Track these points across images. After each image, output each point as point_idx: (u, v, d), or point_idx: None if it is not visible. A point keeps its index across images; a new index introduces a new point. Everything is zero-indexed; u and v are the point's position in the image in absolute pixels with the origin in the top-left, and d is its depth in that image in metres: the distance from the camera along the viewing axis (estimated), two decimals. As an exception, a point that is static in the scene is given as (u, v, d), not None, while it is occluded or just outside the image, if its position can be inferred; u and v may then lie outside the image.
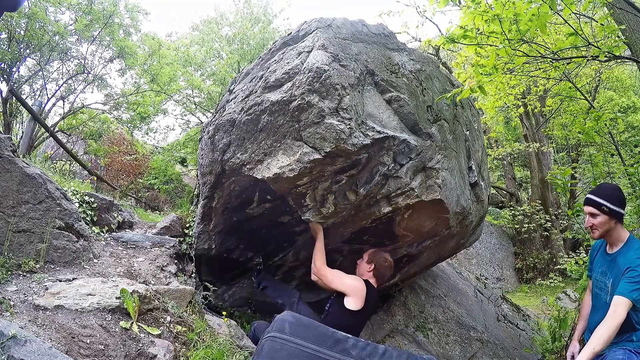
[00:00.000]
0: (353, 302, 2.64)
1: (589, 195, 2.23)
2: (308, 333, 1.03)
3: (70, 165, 8.69)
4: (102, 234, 3.50)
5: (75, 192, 3.60)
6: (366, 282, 2.79)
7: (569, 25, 3.65)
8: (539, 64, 4.42)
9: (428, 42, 9.86)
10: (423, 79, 3.06)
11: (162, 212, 6.86)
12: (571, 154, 12.54)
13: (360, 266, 2.96)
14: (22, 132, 7.13)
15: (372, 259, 2.91)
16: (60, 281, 2.43)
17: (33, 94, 8.06)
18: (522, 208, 11.35)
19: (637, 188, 4.09)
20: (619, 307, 1.96)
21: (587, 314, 2.44)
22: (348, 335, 1.34)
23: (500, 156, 12.10)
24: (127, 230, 3.94)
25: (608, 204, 2.14)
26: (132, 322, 2.25)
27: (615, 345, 2.09)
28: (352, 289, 2.66)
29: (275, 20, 13.36)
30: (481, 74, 3.05)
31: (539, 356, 4.21)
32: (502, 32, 2.87)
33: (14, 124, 7.67)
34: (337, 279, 2.73)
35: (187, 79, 10.63)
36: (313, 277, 2.87)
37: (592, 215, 2.18)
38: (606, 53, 3.12)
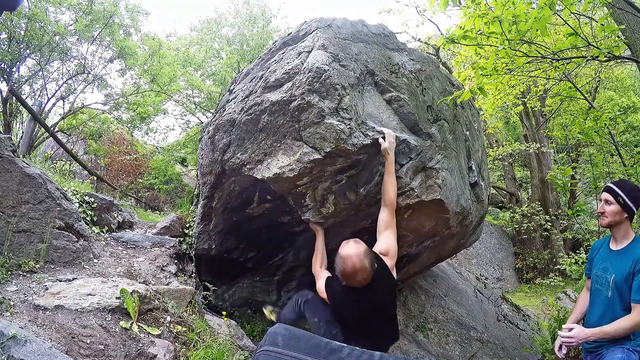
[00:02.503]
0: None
1: (609, 184, 2.33)
2: (301, 344, 1.03)
3: (70, 165, 8.69)
4: (102, 234, 3.50)
5: (75, 192, 3.60)
6: (329, 280, 2.52)
7: (569, 25, 3.65)
8: (539, 64, 4.42)
9: (428, 40, 9.85)
10: (423, 79, 3.06)
11: (162, 212, 6.86)
12: (571, 154, 12.54)
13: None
14: (22, 132, 7.12)
15: (337, 261, 2.42)
16: (60, 281, 2.43)
17: (33, 94, 8.05)
18: (521, 209, 11.35)
19: (637, 188, 4.08)
20: (638, 313, 2.03)
21: (582, 306, 2.48)
22: (343, 344, 1.34)
23: (500, 156, 12.10)
24: (127, 230, 3.94)
25: (625, 197, 2.21)
26: (132, 322, 2.25)
27: (613, 345, 2.10)
28: (320, 291, 2.52)
29: (274, 20, 13.38)
30: (482, 75, 3.05)
31: (539, 356, 4.21)
32: (502, 33, 2.87)
33: (14, 124, 7.67)
34: (318, 282, 2.58)
35: (187, 79, 10.63)
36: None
37: (607, 202, 2.26)
38: (606, 53, 3.13)
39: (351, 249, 2.26)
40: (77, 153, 8.65)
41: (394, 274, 2.46)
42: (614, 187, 2.26)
